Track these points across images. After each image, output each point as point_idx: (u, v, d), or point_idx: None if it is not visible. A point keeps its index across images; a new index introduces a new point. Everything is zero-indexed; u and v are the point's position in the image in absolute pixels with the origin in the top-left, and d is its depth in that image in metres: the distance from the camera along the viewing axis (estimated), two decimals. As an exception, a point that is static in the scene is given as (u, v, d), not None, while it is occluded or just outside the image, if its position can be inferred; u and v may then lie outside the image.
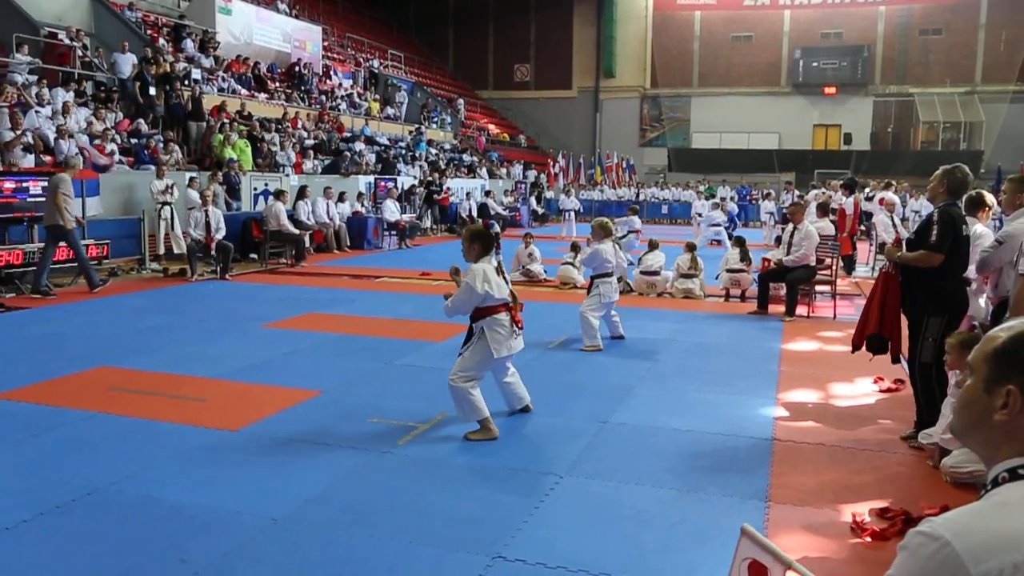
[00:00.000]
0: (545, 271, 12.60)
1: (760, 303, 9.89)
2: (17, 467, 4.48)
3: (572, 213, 23.01)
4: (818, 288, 10.22)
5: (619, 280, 10.89)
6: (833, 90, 37.26)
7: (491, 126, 38.08)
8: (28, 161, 12.28)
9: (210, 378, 6.48)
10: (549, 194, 29.90)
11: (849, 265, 13.79)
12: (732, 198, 26.50)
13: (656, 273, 11.43)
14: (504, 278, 5.26)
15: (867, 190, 17.60)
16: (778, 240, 10.56)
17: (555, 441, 5.07)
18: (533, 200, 27.65)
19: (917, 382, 5.10)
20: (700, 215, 21.37)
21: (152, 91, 16.68)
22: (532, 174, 31.19)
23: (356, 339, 8.12)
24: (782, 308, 9.64)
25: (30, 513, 3.84)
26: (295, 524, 3.78)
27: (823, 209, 12.29)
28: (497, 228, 5.86)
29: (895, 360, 5.55)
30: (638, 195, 30.13)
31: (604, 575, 3.32)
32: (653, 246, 11.83)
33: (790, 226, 9.90)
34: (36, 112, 13.47)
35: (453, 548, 3.55)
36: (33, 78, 14.64)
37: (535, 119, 41.09)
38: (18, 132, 12.26)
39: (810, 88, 37.54)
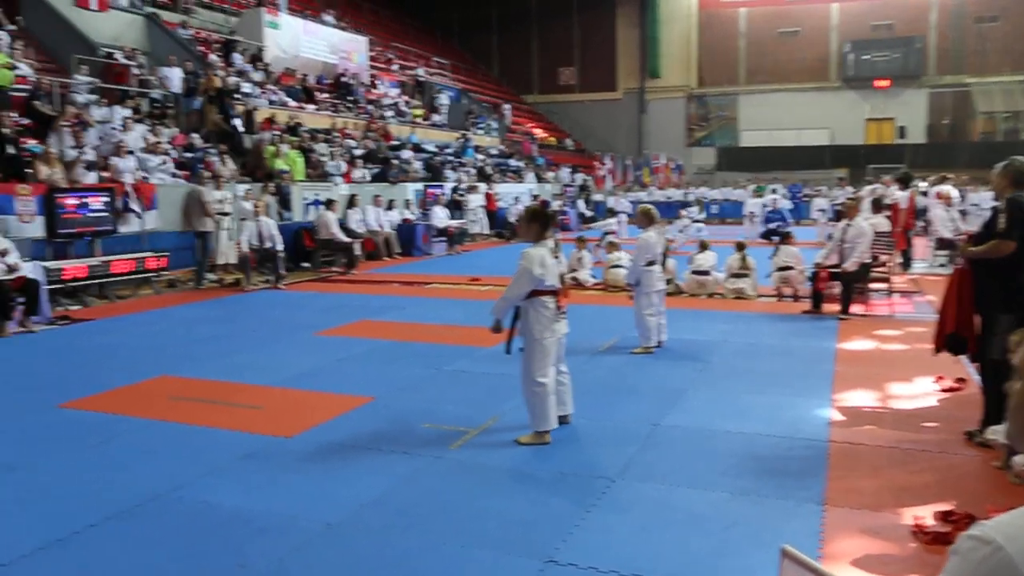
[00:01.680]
0: (593, 275, 12.55)
1: (814, 302, 9.72)
2: (85, 473, 4.63)
3: (624, 216, 22.87)
4: (873, 285, 10.01)
5: (668, 282, 10.84)
6: (886, 83, 36.47)
7: (537, 130, 38.11)
8: (90, 178, 12.65)
9: (265, 386, 6.61)
10: (597, 196, 29.80)
11: (906, 261, 13.49)
12: (784, 195, 26.10)
13: (707, 273, 11.32)
14: (559, 257, 5.24)
15: (922, 184, 17.18)
16: (830, 237, 10.36)
17: (606, 444, 5.06)
18: (581, 203, 27.56)
19: (986, 379, 4.96)
20: (753, 213, 21.10)
21: (199, 105, 17.08)
22: (579, 177, 31.12)
23: (407, 345, 8.20)
24: (836, 307, 9.47)
25: (97, 518, 3.96)
26: (350, 528, 3.84)
27: (877, 205, 12.05)
28: (555, 206, 5.82)
29: (975, 360, 5.38)
30: (686, 195, 29.87)
31: (658, 579, 3.31)
32: (703, 246, 11.72)
33: (843, 223, 9.73)
34: (96, 130, 13.89)
35: (506, 551, 3.57)
36: (93, 97, 15.09)
37: (581, 122, 41.00)
38: (80, 150, 12.64)
39: (861, 82, 36.80)
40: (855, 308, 9.48)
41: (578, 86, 41.62)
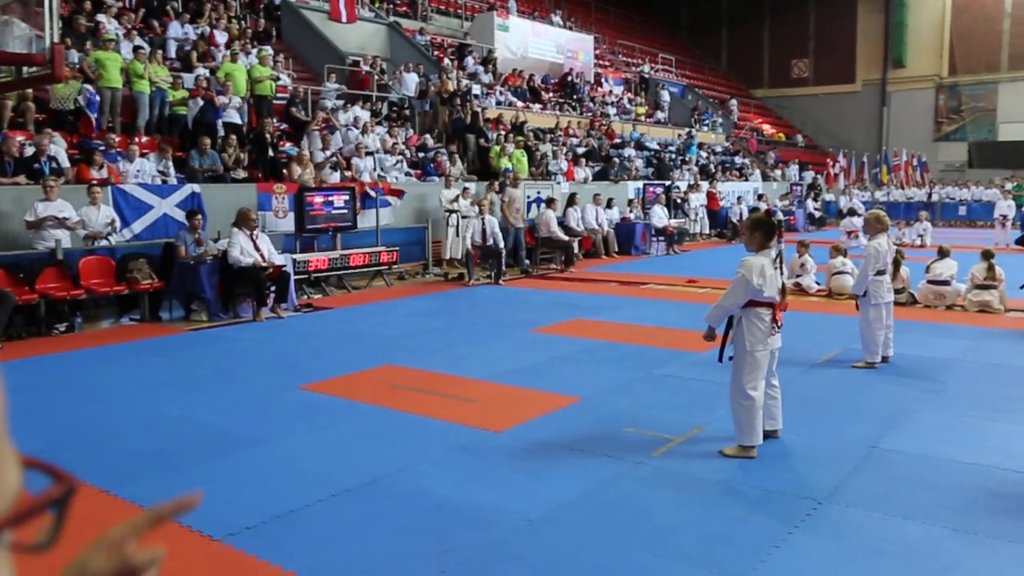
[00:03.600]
0: (818, 281, 11.94)
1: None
2: (316, 452, 5.11)
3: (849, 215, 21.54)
4: None
5: (901, 291, 10.11)
6: None
7: (765, 126, 36.70)
8: (334, 177, 13.83)
9: (480, 380, 6.92)
10: (828, 196, 28.21)
11: None
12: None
13: (946, 283, 10.42)
14: (781, 269, 5.08)
15: None
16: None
17: (816, 464, 4.84)
18: (810, 203, 26.22)
19: None
20: (1006, 217, 19.12)
21: (430, 106, 18.14)
22: (809, 175, 29.60)
23: (619, 347, 8.26)
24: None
25: (324, 494, 4.37)
26: (549, 526, 3.97)
27: None
28: (780, 216, 5.56)
29: None
30: (930, 196, 27.54)
31: (861, 613, 3.15)
32: (943, 253, 10.78)
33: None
34: (341, 133, 15.17)
35: (699, 567, 3.54)
36: (340, 103, 16.46)
37: (813, 117, 38.95)
38: (327, 152, 13.86)
39: None
40: None
41: (812, 79, 39.56)
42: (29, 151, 10.60)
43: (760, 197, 23.68)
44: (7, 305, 8.46)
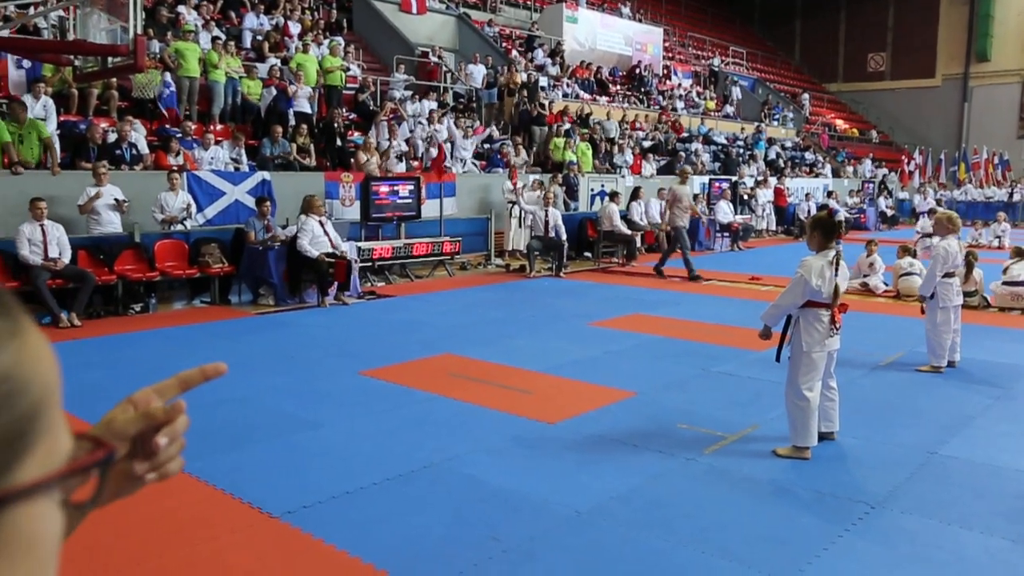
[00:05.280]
0: (886, 282, 11.66)
1: None
2: (374, 436, 5.25)
3: (927, 215, 20.94)
4: None
5: (973, 294, 9.83)
6: None
7: (838, 121, 35.83)
8: (400, 167, 14.04)
9: (536, 371, 6.99)
10: (903, 194, 27.43)
11: None
12: None
13: (1022, 284, 10.08)
14: (841, 270, 5.01)
15: None
16: None
17: (871, 468, 4.77)
18: (882, 200, 25.54)
19: None
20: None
21: (496, 98, 18.23)
22: (881, 172, 28.80)
23: (676, 342, 8.24)
24: None
25: (380, 478, 4.50)
26: (597, 518, 4.02)
27: None
28: (843, 216, 5.40)
29: None
30: (1011, 195, 26.55)
31: (908, 619, 3.12)
32: (1020, 253, 10.42)
33: None
34: (407, 123, 15.38)
35: (746, 565, 3.54)
36: (408, 93, 16.68)
37: (889, 112, 37.84)
38: (393, 142, 14.07)
39: None
40: None
41: (888, 73, 38.41)
42: (112, 137, 11.04)
43: (830, 194, 23.18)
44: (88, 285, 8.86)
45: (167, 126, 12.37)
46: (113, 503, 0.75)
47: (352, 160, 13.38)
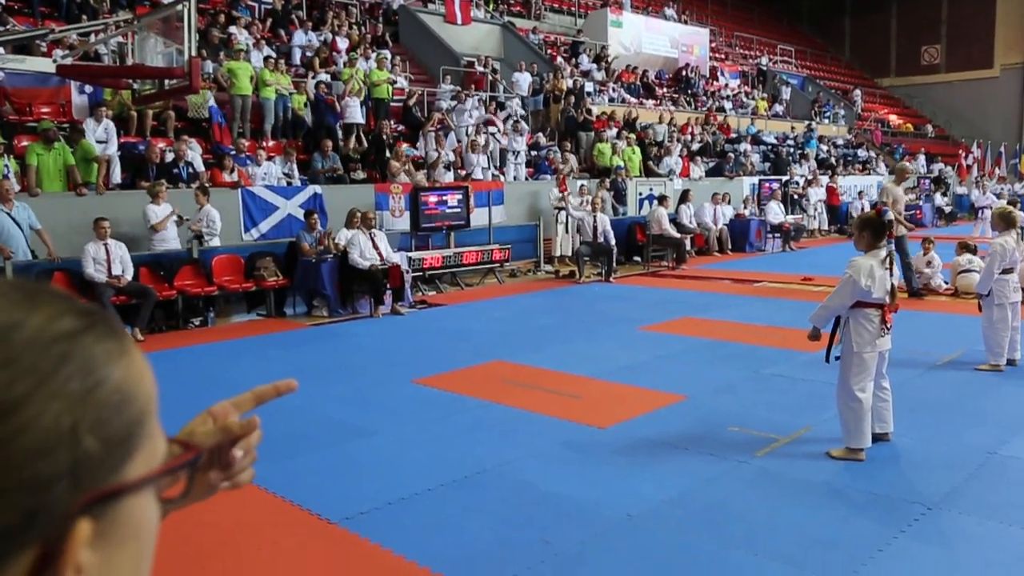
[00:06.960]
0: (945, 281, 11.39)
1: None
2: (428, 443, 5.35)
3: (987, 211, 20.40)
4: None
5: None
6: None
7: (892, 116, 35.10)
8: (448, 177, 14.19)
9: (587, 376, 7.02)
10: (961, 189, 26.74)
11: None
12: None
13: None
14: (891, 270, 4.97)
15: None
16: None
17: (928, 468, 4.71)
18: (938, 196, 24.92)
19: None
20: None
21: (542, 105, 18.32)
22: (937, 167, 28.12)
23: (727, 345, 8.19)
24: None
25: (433, 484, 4.59)
26: (648, 522, 4.04)
27: None
28: (891, 215, 5.32)
29: None
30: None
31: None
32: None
33: None
34: (455, 132, 15.55)
35: (798, 568, 3.54)
36: (454, 103, 16.85)
37: (945, 105, 36.90)
38: (440, 152, 14.24)
39: None
40: None
41: (943, 65, 37.47)
42: (169, 157, 11.38)
43: (883, 192, 22.71)
44: (149, 301, 9.16)
45: (220, 143, 12.71)
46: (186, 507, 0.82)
47: (388, 172, 13.57)
